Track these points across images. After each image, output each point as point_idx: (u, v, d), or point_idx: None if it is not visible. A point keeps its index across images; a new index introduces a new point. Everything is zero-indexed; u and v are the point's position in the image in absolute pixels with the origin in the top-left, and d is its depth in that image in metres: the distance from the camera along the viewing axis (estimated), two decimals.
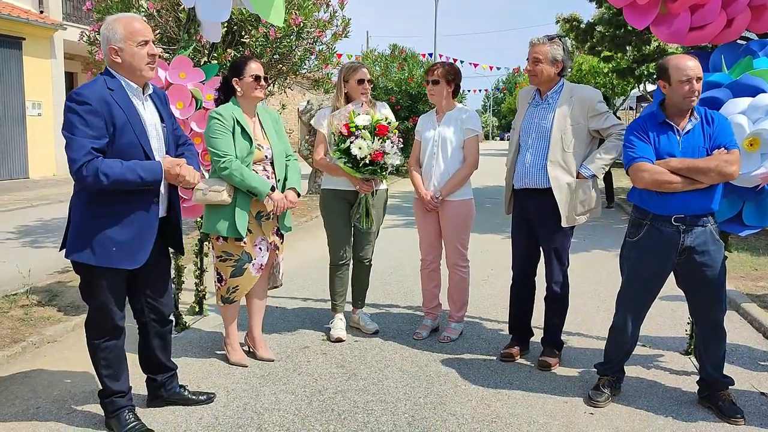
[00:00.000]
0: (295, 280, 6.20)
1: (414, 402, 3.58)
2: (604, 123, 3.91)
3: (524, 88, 4.33)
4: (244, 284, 3.99)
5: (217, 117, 3.84)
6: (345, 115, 4.23)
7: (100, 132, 2.90)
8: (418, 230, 4.71)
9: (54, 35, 16.40)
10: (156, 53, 3.10)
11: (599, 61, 20.67)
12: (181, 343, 4.48)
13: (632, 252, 3.51)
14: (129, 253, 3.03)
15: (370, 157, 4.14)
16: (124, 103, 3.00)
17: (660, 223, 3.37)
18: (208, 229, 3.93)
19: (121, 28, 3.00)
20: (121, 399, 3.19)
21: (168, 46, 7.02)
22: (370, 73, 4.55)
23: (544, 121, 3.96)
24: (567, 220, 3.93)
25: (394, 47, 19.24)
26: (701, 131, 3.33)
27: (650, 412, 3.47)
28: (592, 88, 4.20)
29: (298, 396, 3.65)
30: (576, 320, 4.97)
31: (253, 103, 4.00)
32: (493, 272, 6.53)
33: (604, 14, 14.66)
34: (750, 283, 6.10)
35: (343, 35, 8.44)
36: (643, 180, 3.30)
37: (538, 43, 3.95)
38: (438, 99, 4.51)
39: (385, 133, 4.17)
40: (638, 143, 3.36)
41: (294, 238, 8.79)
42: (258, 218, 3.95)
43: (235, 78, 3.92)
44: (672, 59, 3.33)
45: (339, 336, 4.53)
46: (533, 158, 3.97)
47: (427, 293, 4.76)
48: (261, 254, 4.00)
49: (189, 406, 3.49)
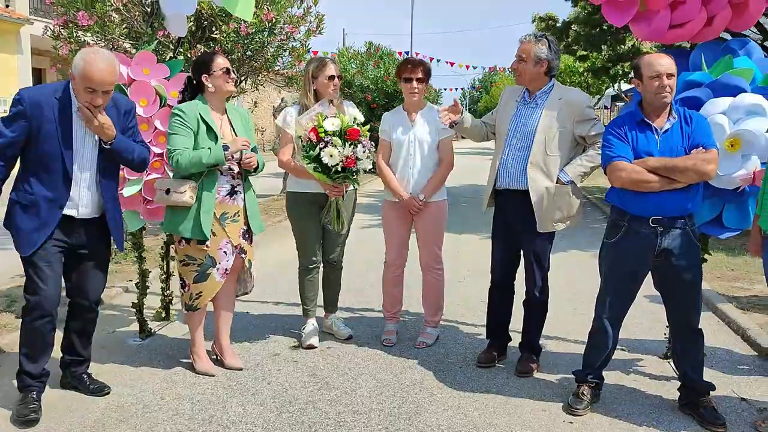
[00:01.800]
0: (263, 283, 6.00)
1: (388, 412, 3.44)
2: (591, 130, 3.79)
3: (510, 87, 4.18)
4: (208, 290, 3.82)
5: (178, 113, 3.69)
6: (312, 117, 3.98)
7: (14, 130, 3.16)
8: (387, 233, 4.52)
9: (20, 30, 15.94)
10: (97, 104, 3.21)
11: (575, 61, 20.73)
12: (146, 350, 4.30)
13: (610, 253, 3.45)
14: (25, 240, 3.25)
15: (342, 164, 3.93)
16: (61, 113, 3.21)
17: (638, 225, 3.30)
18: (170, 229, 3.80)
19: (82, 68, 3.12)
20: (30, 378, 3.33)
21: (135, 41, 6.80)
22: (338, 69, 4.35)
23: (529, 121, 3.84)
24: (542, 225, 3.79)
25: (369, 45, 19.08)
26: (680, 130, 3.26)
27: (631, 420, 3.38)
28: (582, 92, 4.07)
29: (267, 407, 3.49)
30: (553, 324, 4.83)
31: (223, 98, 3.84)
32: (469, 273, 6.42)
33: (580, 13, 14.67)
34: (726, 283, 6.07)
35: (318, 32, 8.26)
36: (620, 179, 3.24)
37: (524, 41, 3.85)
38: (419, 98, 4.37)
39: (357, 137, 3.95)
40: (616, 142, 3.29)
41: (265, 239, 8.60)
42: (222, 220, 3.78)
43: (204, 75, 3.76)
44: (645, 57, 3.31)
45: (311, 343, 4.37)
46: (515, 158, 3.85)
47: (392, 298, 4.61)
48: (226, 258, 3.82)
49: (84, 394, 3.58)
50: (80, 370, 3.65)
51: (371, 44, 19.11)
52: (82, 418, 3.34)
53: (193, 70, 3.84)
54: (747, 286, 6.01)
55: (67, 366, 3.64)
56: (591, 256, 7.53)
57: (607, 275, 3.47)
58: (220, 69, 3.75)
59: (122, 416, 3.36)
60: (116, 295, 5.57)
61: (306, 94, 4.28)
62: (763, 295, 5.66)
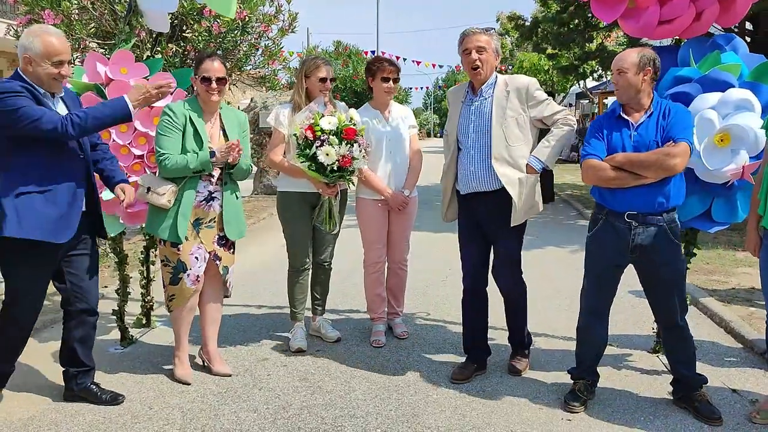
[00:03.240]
0: (246, 287, 5.90)
1: (385, 416, 3.39)
2: (546, 110, 3.67)
3: (452, 88, 4.07)
4: (180, 295, 3.75)
5: (167, 113, 3.61)
6: (309, 116, 3.91)
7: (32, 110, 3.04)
8: (366, 233, 4.46)
9: None
10: (68, 74, 3.22)
11: (540, 59, 20.96)
12: (129, 358, 4.16)
13: (590, 246, 3.48)
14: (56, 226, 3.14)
15: (338, 164, 3.86)
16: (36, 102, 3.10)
17: (614, 219, 3.31)
18: (149, 229, 3.75)
19: (41, 44, 3.08)
20: None
21: (103, 40, 6.61)
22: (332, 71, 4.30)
23: (482, 117, 3.69)
24: (517, 218, 3.65)
25: (338, 44, 19.02)
26: (655, 124, 3.24)
27: (627, 416, 3.39)
28: (526, 76, 3.92)
29: (261, 414, 3.40)
30: (540, 321, 4.88)
31: (208, 103, 3.71)
32: (450, 272, 6.38)
33: (546, 12, 14.83)
34: (703, 277, 6.17)
35: (290, 30, 8.17)
36: (588, 176, 3.30)
37: (478, 32, 3.69)
38: (391, 97, 4.43)
39: (353, 136, 3.88)
40: (593, 141, 3.32)
41: (243, 242, 8.46)
42: (196, 226, 3.68)
43: (193, 76, 3.71)
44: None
45: (299, 346, 4.29)
46: (476, 159, 3.69)
47: (377, 298, 4.56)
48: (197, 264, 3.72)
49: (96, 405, 3.46)
50: (87, 381, 3.53)
51: (340, 43, 19.07)
52: (68, 431, 3.20)
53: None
54: (724, 279, 6.11)
55: (72, 378, 3.51)
56: (568, 252, 7.61)
57: (588, 268, 3.49)
58: (199, 75, 3.66)
59: (111, 428, 3.24)
60: None
61: (298, 91, 4.22)
62: (741, 287, 5.77)
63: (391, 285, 4.63)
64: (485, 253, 3.87)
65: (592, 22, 12.96)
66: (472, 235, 3.85)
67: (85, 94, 3.89)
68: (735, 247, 7.40)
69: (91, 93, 3.91)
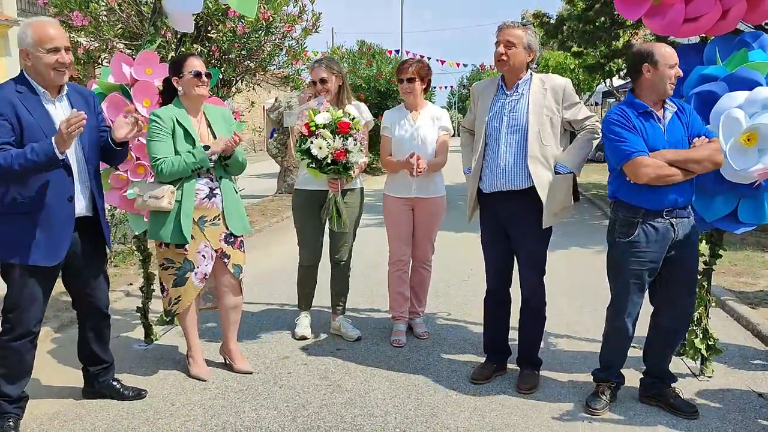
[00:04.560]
0: (267, 285, 5.95)
1: (404, 415, 3.39)
2: (579, 114, 3.61)
3: (478, 83, 3.96)
4: (187, 294, 3.74)
5: (154, 119, 3.60)
6: (305, 113, 4.04)
7: (4, 130, 2.93)
8: (391, 230, 4.50)
9: (8, 32, 15.74)
10: (67, 61, 3.06)
11: (566, 57, 20.74)
12: (152, 355, 4.22)
13: (626, 253, 3.31)
14: (45, 250, 3.05)
15: (332, 157, 3.96)
16: (31, 105, 3.04)
17: (652, 219, 3.24)
18: (151, 236, 3.71)
19: (32, 32, 3.01)
20: (8, 404, 3.13)
21: (130, 41, 6.70)
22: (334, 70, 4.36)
23: (517, 114, 3.59)
24: (547, 220, 3.59)
25: (362, 43, 19.02)
26: (679, 120, 3.25)
27: (649, 418, 3.34)
28: (561, 76, 3.83)
29: (281, 412, 3.42)
30: (562, 322, 4.84)
31: (197, 101, 3.72)
32: (473, 272, 6.36)
33: (571, 10, 14.67)
34: (731, 279, 6.06)
35: (314, 30, 8.19)
36: (647, 175, 3.13)
37: (511, 26, 3.57)
38: (413, 97, 4.40)
39: (347, 130, 3.99)
40: (629, 136, 3.18)
41: (266, 240, 8.55)
42: (201, 223, 3.68)
43: (174, 77, 3.66)
44: (657, 46, 3.22)
45: (303, 334, 4.47)
46: (510, 156, 3.58)
47: (399, 297, 4.56)
48: (204, 262, 3.72)
49: (120, 400, 3.51)
50: (109, 378, 3.57)
51: (363, 43, 19.06)
52: (92, 426, 3.26)
53: (168, 71, 3.73)
54: (752, 281, 6.00)
55: (93, 376, 3.54)
56: (592, 252, 7.54)
57: (625, 272, 3.33)
58: (188, 71, 3.62)
59: (133, 424, 3.29)
60: (118, 299, 5.47)
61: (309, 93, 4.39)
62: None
63: (414, 284, 4.64)
64: (509, 253, 3.79)
65: (619, 20, 12.79)
66: (495, 235, 3.78)
67: (111, 94, 3.95)
68: (764, 249, 7.26)
69: (117, 93, 3.97)
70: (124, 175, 4.05)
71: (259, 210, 10.87)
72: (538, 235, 3.66)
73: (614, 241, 3.36)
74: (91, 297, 3.40)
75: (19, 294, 3.07)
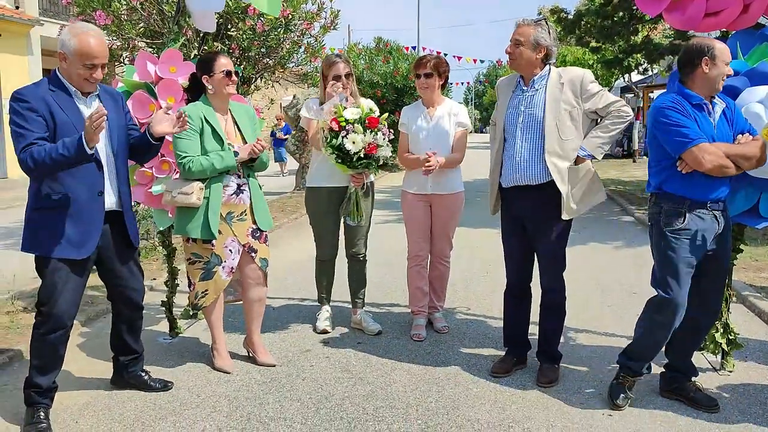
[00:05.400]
0: (289, 279, 6.03)
1: (426, 407, 3.43)
2: (600, 102, 3.57)
3: (502, 78, 4.00)
4: (214, 288, 3.80)
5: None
6: (331, 109, 4.07)
7: (40, 126, 3.02)
8: (409, 226, 4.56)
9: (30, 31, 15.98)
10: (99, 78, 3.17)
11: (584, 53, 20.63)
12: (177, 349, 4.30)
13: (678, 240, 3.24)
14: (75, 242, 3.13)
15: (364, 151, 4.01)
16: (65, 104, 3.12)
17: (697, 210, 3.24)
18: (178, 231, 3.76)
19: (77, 43, 3.08)
20: (38, 395, 3.20)
21: (151, 40, 6.79)
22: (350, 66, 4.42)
23: (534, 109, 3.59)
24: (568, 211, 3.60)
25: (378, 40, 19.06)
26: (725, 116, 3.27)
27: (670, 412, 3.36)
28: (580, 68, 3.84)
29: (304, 403, 3.48)
30: (582, 316, 4.85)
31: (225, 99, 3.79)
32: (491, 267, 6.39)
33: (589, 6, 14.59)
34: (752, 274, 6.03)
35: (332, 27, 8.26)
36: (711, 162, 3.08)
37: (522, 24, 3.61)
38: (430, 92, 4.43)
39: (376, 125, 4.05)
40: (689, 122, 3.13)
41: (286, 235, 8.63)
42: (228, 219, 3.75)
43: (204, 75, 3.71)
44: (711, 40, 3.23)
45: (324, 328, 4.55)
46: (525, 151, 3.60)
47: (418, 292, 4.60)
48: (231, 256, 3.79)
49: (147, 392, 3.60)
50: (138, 369, 3.65)
51: (380, 39, 19.09)
52: (121, 416, 3.34)
53: (196, 69, 3.79)
54: None
55: (123, 366, 3.63)
56: (611, 248, 7.52)
57: (679, 261, 3.25)
58: (220, 71, 3.68)
59: (160, 414, 3.37)
60: None
61: (323, 91, 4.40)
62: None
63: (433, 279, 4.68)
64: (528, 247, 3.81)
65: (638, 15, 12.71)
66: (515, 229, 3.80)
67: (136, 92, 4.04)
68: None
69: (142, 91, 4.04)
70: (150, 171, 4.13)
71: (278, 206, 10.96)
72: (556, 230, 3.66)
73: (662, 232, 3.29)
74: (124, 288, 3.47)
75: (52, 287, 3.13)
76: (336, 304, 4.87)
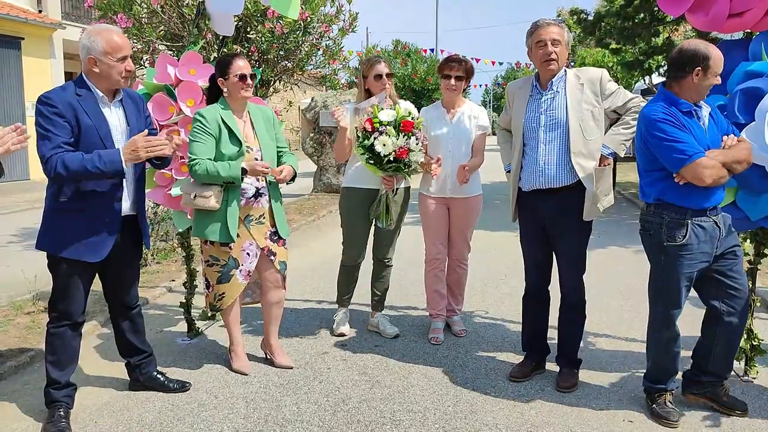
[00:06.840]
0: (307, 282, 6.03)
1: (443, 411, 3.41)
2: (618, 99, 3.57)
3: (513, 82, 3.94)
4: (231, 291, 3.80)
5: (198, 119, 3.64)
6: (368, 109, 4.05)
7: (65, 131, 3.06)
8: (426, 229, 4.53)
9: (53, 35, 16.19)
10: (132, 69, 3.25)
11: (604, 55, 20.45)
12: (195, 350, 4.32)
13: (679, 256, 3.20)
14: (91, 246, 3.18)
15: (394, 155, 3.97)
16: (90, 109, 3.16)
17: (699, 219, 3.19)
18: (197, 233, 3.76)
19: (103, 42, 3.13)
20: (57, 391, 3.25)
21: (172, 42, 6.84)
22: (390, 66, 4.37)
23: (556, 111, 3.57)
24: (589, 212, 3.57)
25: (397, 43, 19.07)
26: (712, 119, 3.24)
27: (693, 417, 3.31)
28: (595, 68, 3.79)
29: (321, 406, 3.48)
30: (602, 321, 4.80)
31: (242, 103, 3.78)
32: (509, 271, 6.35)
33: (609, 7, 14.46)
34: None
35: (351, 30, 8.26)
36: (710, 177, 3.04)
37: (552, 23, 3.55)
38: (456, 94, 4.43)
39: (411, 129, 4.00)
40: (684, 136, 3.08)
41: (304, 237, 8.64)
42: (247, 222, 3.75)
43: (220, 78, 3.71)
44: (708, 47, 3.11)
45: (341, 331, 4.54)
46: (550, 155, 3.56)
47: (436, 295, 4.58)
48: (249, 260, 3.79)
49: (165, 393, 3.61)
50: (151, 369, 3.67)
51: (399, 42, 19.10)
52: (139, 417, 3.36)
53: (215, 71, 3.79)
54: None
55: (136, 368, 3.64)
56: (631, 252, 7.45)
57: (679, 277, 3.22)
58: (234, 74, 3.66)
59: (178, 415, 3.38)
60: (160, 295, 5.60)
61: (360, 92, 4.38)
62: None
63: (450, 282, 4.65)
64: (548, 251, 3.78)
65: (659, 16, 12.58)
66: (534, 233, 3.77)
67: (156, 94, 4.06)
68: None
69: (162, 93, 4.07)
70: (169, 173, 4.16)
71: (296, 208, 10.99)
72: (577, 233, 3.65)
73: (663, 246, 3.24)
74: (120, 291, 3.51)
75: (65, 286, 3.21)
76: (353, 307, 4.86)
